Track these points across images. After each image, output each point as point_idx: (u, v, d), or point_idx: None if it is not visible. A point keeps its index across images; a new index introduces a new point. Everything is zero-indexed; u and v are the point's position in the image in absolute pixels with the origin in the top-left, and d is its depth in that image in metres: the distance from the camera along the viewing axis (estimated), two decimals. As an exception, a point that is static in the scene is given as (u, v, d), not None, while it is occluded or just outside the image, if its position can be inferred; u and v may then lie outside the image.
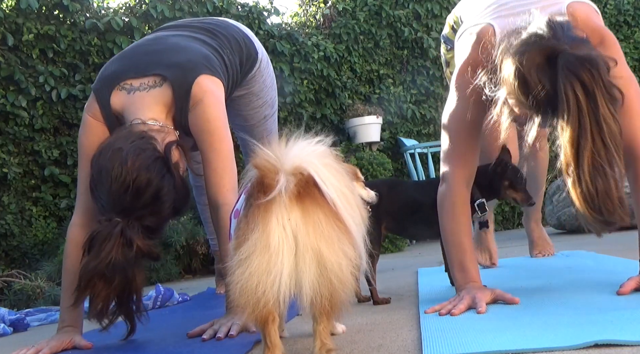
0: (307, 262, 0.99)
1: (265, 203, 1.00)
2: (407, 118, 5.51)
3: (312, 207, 1.01)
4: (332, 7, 5.49)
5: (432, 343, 1.13)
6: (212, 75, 1.79)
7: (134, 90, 1.72)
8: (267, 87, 2.20)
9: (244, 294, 1.00)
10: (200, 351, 1.43)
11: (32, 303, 2.88)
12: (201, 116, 1.72)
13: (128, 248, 1.45)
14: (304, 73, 5.12)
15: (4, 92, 3.76)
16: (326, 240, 1.00)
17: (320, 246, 0.99)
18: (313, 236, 0.99)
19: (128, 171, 1.48)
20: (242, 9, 4.89)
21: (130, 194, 1.48)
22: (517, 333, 1.13)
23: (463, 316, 1.41)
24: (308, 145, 1.06)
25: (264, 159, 1.03)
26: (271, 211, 1.00)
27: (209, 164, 1.71)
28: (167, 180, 1.54)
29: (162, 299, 2.49)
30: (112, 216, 1.47)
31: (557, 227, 4.32)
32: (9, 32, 3.79)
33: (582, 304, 1.37)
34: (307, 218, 1.00)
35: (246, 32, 2.13)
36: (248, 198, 1.07)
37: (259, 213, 1.01)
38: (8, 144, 3.80)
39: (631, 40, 6.49)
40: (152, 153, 1.54)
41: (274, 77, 2.25)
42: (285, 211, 1.00)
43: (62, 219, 3.91)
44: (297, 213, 1.00)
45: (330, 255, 1.00)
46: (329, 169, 1.04)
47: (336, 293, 1.01)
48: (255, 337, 1.40)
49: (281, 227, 1.00)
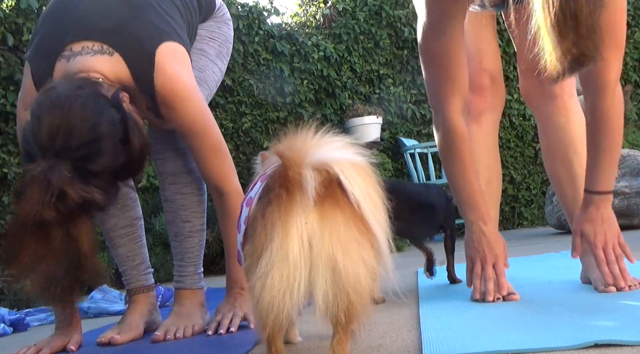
0: (320, 272, 0.92)
1: (285, 203, 0.93)
2: (407, 118, 5.51)
3: (332, 209, 0.93)
4: (332, 7, 5.49)
5: (432, 343, 1.13)
6: (174, 40, 1.49)
7: (74, 56, 1.43)
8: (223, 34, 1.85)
9: (263, 311, 0.94)
10: (200, 351, 1.43)
11: (32, 303, 2.88)
12: (183, 118, 1.51)
13: (58, 197, 1.20)
14: (304, 73, 5.12)
15: (4, 92, 3.76)
16: (343, 247, 0.92)
17: (337, 254, 0.92)
18: (328, 243, 0.92)
19: (61, 106, 1.25)
20: (242, 9, 4.89)
21: (63, 133, 1.23)
22: (517, 333, 1.13)
23: (463, 316, 1.41)
24: (336, 141, 0.99)
25: (290, 147, 0.94)
26: (292, 214, 0.92)
27: (205, 160, 1.57)
28: (108, 115, 1.29)
29: (162, 299, 2.49)
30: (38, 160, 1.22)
31: (557, 227, 4.32)
32: (9, 32, 3.79)
33: (582, 304, 1.37)
34: (324, 222, 0.92)
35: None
36: (266, 191, 0.98)
37: (278, 215, 0.93)
38: (8, 144, 3.80)
39: (631, 40, 6.49)
40: (92, 91, 1.31)
41: (230, 38, 1.89)
42: (304, 213, 0.92)
43: (62, 219, 3.91)
44: (315, 216, 0.92)
45: (347, 264, 0.92)
46: (356, 167, 0.97)
47: (352, 305, 0.93)
48: (256, 337, 1.40)
49: (300, 236, 0.92)
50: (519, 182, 5.85)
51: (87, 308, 2.41)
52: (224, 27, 1.83)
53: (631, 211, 3.96)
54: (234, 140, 4.86)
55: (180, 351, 1.45)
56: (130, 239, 1.73)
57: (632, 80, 6.51)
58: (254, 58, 4.95)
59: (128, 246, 1.72)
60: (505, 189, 5.64)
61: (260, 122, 4.96)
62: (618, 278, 1.50)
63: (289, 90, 4.98)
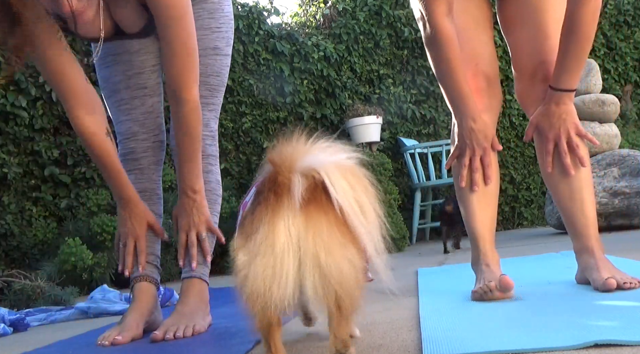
0: (308, 268, 0.97)
1: (273, 204, 0.98)
2: (407, 118, 5.51)
3: (316, 213, 0.98)
4: (332, 7, 5.49)
5: (432, 343, 1.13)
6: None
7: None
8: (224, 14, 1.86)
9: (251, 299, 0.98)
10: (200, 351, 1.43)
11: (32, 303, 2.88)
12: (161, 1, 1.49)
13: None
14: (304, 73, 5.12)
15: (4, 92, 3.76)
16: (326, 248, 0.97)
17: (320, 253, 0.97)
18: (312, 244, 0.97)
19: None
20: (242, 9, 4.90)
21: None
22: (517, 333, 1.13)
23: (463, 316, 1.41)
24: (329, 147, 1.04)
25: (280, 154, 1.00)
26: (279, 215, 0.97)
27: (172, 60, 1.55)
28: None
29: (162, 299, 2.49)
30: None
31: (557, 228, 4.32)
32: (9, 32, 3.79)
33: (582, 304, 1.37)
34: (308, 225, 0.97)
35: None
36: (257, 194, 1.04)
37: (266, 213, 0.98)
38: (8, 144, 3.80)
39: (631, 40, 6.49)
40: None
41: (232, 15, 1.89)
42: (291, 214, 0.97)
43: (62, 219, 3.91)
44: (300, 219, 0.97)
45: (330, 263, 0.97)
46: (343, 171, 1.01)
47: (341, 299, 0.98)
48: (256, 337, 1.40)
49: (287, 230, 0.97)
50: (519, 182, 5.85)
51: (87, 308, 2.41)
52: (226, 8, 1.84)
53: (631, 211, 3.96)
54: (234, 140, 4.86)
55: (180, 351, 1.45)
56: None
57: (632, 80, 6.51)
58: (254, 58, 4.95)
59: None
60: (505, 189, 5.64)
61: (260, 122, 4.96)
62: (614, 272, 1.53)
63: (289, 90, 4.98)
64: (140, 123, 1.76)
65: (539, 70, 1.68)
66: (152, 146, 1.77)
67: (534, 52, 1.69)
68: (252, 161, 4.89)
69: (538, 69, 1.68)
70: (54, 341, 1.78)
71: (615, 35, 6.40)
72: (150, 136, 1.76)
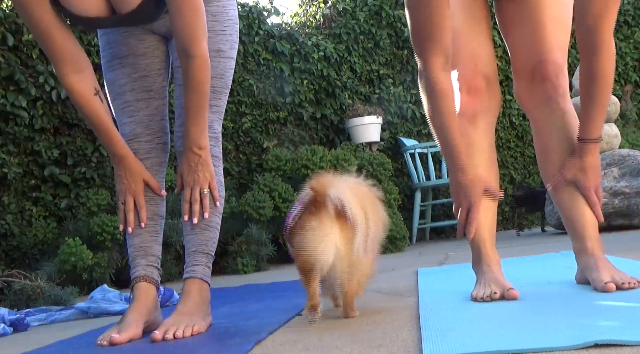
0: (338, 251, 1.47)
1: (316, 213, 1.48)
2: (407, 118, 5.51)
3: (345, 225, 1.46)
4: (332, 7, 5.50)
5: (432, 343, 1.13)
6: None
7: None
8: (229, 18, 1.86)
9: (304, 252, 1.49)
10: (200, 351, 1.43)
11: (32, 303, 2.88)
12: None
13: None
14: (304, 73, 5.12)
15: (4, 92, 3.76)
16: (346, 244, 1.47)
17: (343, 246, 1.48)
18: (340, 238, 1.47)
19: None
20: (242, 9, 4.90)
21: None
22: (517, 333, 1.13)
23: (463, 316, 1.41)
24: (350, 179, 1.56)
25: (318, 182, 1.51)
26: (321, 219, 1.47)
27: (180, 15, 1.56)
28: None
29: (162, 299, 2.49)
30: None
31: (557, 228, 4.32)
32: (9, 32, 3.79)
33: (582, 304, 1.37)
34: (342, 232, 1.47)
35: None
36: (305, 208, 1.52)
37: (313, 218, 1.48)
38: (8, 144, 3.80)
39: (631, 40, 6.49)
40: None
41: (237, 19, 1.91)
42: (329, 220, 1.46)
43: (62, 219, 3.91)
44: (336, 226, 1.46)
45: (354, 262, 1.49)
46: (359, 196, 1.51)
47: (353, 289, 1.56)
48: (256, 337, 1.40)
49: (328, 227, 1.46)
50: (519, 183, 5.85)
51: (87, 308, 2.41)
52: (230, 12, 1.83)
53: (631, 211, 3.96)
54: (234, 140, 4.86)
55: (180, 351, 1.45)
56: (148, 231, 1.73)
57: (632, 80, 6.51)
58: (254, 58, 4.95)
59: (143, 237, 1.72)
60: (505, 189, 5.64)
61: (260, 122, 4.96)
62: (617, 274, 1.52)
63: (289, 90, 4.99)
64: (145, 125, 1.76)
65: (537, 69, 1.67)
66: (155, 148, 1.77)
67: (532, 52, 1.68)
68: (252, 161, 4.89)
69: (536, 68, 1.68)
70: (54, 341, 1.78)
71: (615, 35, 6.39)
72: (154, 137, 1.77)
